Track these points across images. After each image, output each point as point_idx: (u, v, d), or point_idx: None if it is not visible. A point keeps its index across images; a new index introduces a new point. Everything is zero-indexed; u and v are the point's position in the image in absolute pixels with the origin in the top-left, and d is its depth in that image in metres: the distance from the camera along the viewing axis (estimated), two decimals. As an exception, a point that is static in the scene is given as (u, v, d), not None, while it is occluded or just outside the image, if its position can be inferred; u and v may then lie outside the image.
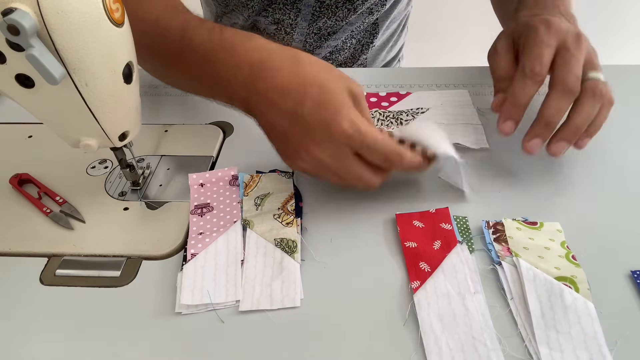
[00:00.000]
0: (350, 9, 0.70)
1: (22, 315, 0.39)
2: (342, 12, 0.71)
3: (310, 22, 0.72)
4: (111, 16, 0.36)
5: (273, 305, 0.38)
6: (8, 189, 0.49)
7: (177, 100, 0.62)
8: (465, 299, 0.37)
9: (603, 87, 0.44)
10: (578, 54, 0.45)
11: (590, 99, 0.44)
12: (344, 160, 0.42)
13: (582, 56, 0.45)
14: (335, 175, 0.43)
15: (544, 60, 0.45)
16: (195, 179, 0.48)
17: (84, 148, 0.42)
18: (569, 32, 0.46)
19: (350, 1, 0.70)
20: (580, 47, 0.45)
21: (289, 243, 0.42)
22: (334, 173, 0.43)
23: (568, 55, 0.45)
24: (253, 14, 0.72)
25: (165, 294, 0.40)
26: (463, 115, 0.56)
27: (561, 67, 0.45)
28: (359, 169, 0.42)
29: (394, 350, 0.35)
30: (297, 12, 0.71)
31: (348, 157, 0.41)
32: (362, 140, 0.40)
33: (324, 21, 0.72)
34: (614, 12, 1.66)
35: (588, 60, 0.45)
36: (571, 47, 0.45)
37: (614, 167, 0.50)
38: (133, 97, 0.42)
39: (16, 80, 0.36)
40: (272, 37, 0.74)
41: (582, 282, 0.38)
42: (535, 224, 0.43)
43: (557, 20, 0.47)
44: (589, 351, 0.34)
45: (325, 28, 0.73)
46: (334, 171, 0.42)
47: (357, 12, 0.71)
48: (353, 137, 0.40)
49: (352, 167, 0.42)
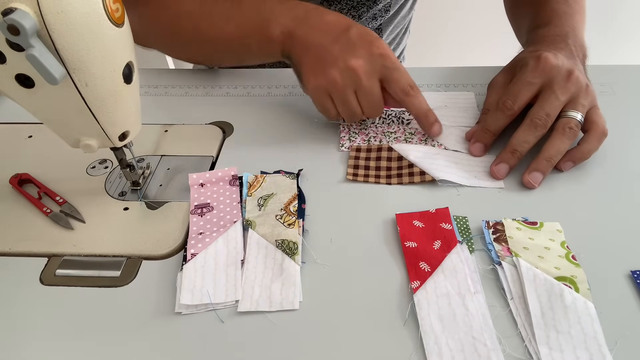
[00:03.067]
0: (355, 15, 0.71)
1: (22, 315, 0.39)
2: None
3: None
4: (111, 16, 0.36)
5: (272, 307, 0.38)
6: (8, 189, 0.49)
7: (177, 100, 0.62)
8: (465, 299, 0.37)
9: (576, 125, 0.47)
10: (560, 92, 0.47)
11: (559, 135, 0.47)
12: (372, 80, 0.48)
13: (565, 95, 0.47)
14: (344, 97, 0.49)
15: (520, 97, 0.48)
16: (195, 179, 0.48)
17: (84, 148, 0.42)
18: (560, 69, 0.48)
19: (355, 8, 0.70)
20: (566, 86, 0.47)
21: (290, 245, 0.42)
22: (348, 94, 0.49)
23: (548, 93, 0.47)
24: None
25: (165, 294, 0.40)
26: (465, 118, 0.55)
27: (538, 103, 0.48)
28: (379, 93, 0.49)
29: (394, 350, 0.35)
30: None
31: (375, 79, 0.49)
32: (395, 61, 0.48)
33: None
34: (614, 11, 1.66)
35: (572, 99, 0.48)
36: (555, 85, 0.47)
37: (614, 167, 0.50)
38: (133, 97, 0.42)
39: (16, 80, 0.36)
40: None
41: (582, 282, 0.38)
42: (535, 224, 0.43)
43: (552, 56, 0.48)
44: (589, 351, 0.34)
45: None
46: (350, 92, 0.49)
47: (362, 17, 0.71)
48: (389, 56, 0.48)
49: (373, 87, 0.49)
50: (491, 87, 0.53)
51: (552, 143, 0.47)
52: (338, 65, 0.48)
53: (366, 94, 0.49)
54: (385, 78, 0.49)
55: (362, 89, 0.49)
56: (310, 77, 0.50)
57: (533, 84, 0.48)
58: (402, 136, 0.53)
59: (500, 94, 0.51)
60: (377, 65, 0.48)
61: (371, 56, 0.48)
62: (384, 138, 0.53)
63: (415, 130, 0.54)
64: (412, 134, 0.53)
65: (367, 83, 0.48)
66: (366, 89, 0.49)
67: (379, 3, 0.71)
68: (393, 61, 0.48)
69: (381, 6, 0.72)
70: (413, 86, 0.49)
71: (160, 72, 0.68)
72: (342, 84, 0.48)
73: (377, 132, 0.54)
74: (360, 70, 0.48)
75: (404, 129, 0.54)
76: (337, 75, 0.48)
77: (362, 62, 0.48)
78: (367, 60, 0.48)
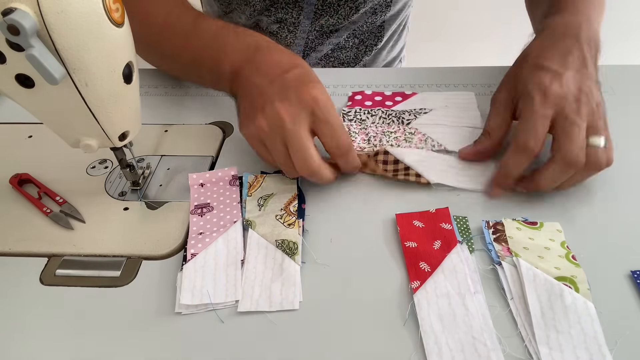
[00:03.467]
0: (352, 7, 0.71)
1: (22, 315, 0.39)
2: (345, 11, 0.71)
3: (313, 20, 0.72)
4: (111, 16, 0.36)
5: (272, 307, 0.38)
6: (8, 189, 0.49)
7: (177, 100, 0.62)
8: (465, 299, 0.37)
9: (602, 153, 0.43)
10: (579, 121, 0.42)
11: (588, 170, 0.43)
12: (297, 126, 0.42)
13: (584, 122, 0.43)
14: (272, 145, 0.44)
15: (539, 134, 0.43)
16: (195, 179, 0.48)
17: (84, 148, 0.42)
18: (568, 96, 0.44)
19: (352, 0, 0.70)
20: (581, 112, 0.43)
21: (290, 245, 0.42)
22: (275, 141, 0.44)
23: (567, 123, 0.42)
24: (255, 13, 0.72)
25: (165, 294, 0.40)
26: (465, 118, 0.55)
27: (562, 137, 0.43)
28: (305, 142, 0.43)
29: (394, 350, 0.35)
30: (299, 10, 0.71)
31: (302, 126, 0.43)
32: (328, 111, 0.43)
33: (327, 19, 0.72)
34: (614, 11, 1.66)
35: (589, 125, 0.43)
36: (570, 114, 0.43)
37: (614, 167, 0.49)
38: (133, 97, 0.42)
39: (16, 80, 0.36)
40: (274, 35, 0.74)
41: (582, 282, 0.38)
42: (535, 224, 0.43)
43: (557, 85, 0.44)
44: (589, 351, 0.34)
45: (328, 26, 0.73)
46: (277, 139, 0.43)
47: (360, 10, 0.71)
48: (320, 102, 0.43)
49: (299, 134, 0.42)
50: (494, 106, 0.49)
51: (575, 177, 0.44)
52: (265, 110, 0.43)
53: (291, 141, 0.42)
54: (315, 128, 0.44)
55: (287, 134, 0.42)
56: (243, 122, 0.47)
57: (546, 116, 0.43)
58: (402, 136, 0.53)
59: (506, 116, 0.48)
60: (306, 111, 0.43)
61: (301, 100, 0.43)
62: (383, 137, 0.53)
63: (415, 130, 0.54)
64: (412, 134, 0.53)
65: (291, 128, 0.42)
66: (291, 135, 0.42)
67: None
68: (324, 109, 0.43)
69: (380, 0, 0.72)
70: (339, 143, 0.44)
71: (160, 72, 0.68)
72: (269, 130, 0.43)
73: (377, 132, 0.54)
74: (286, 114, 0.42)
75: (404, 129, 0.54)
76: (264, 121, 0.43)
77: (289, 105, 0.43)
78: (296, 104, 0.43)
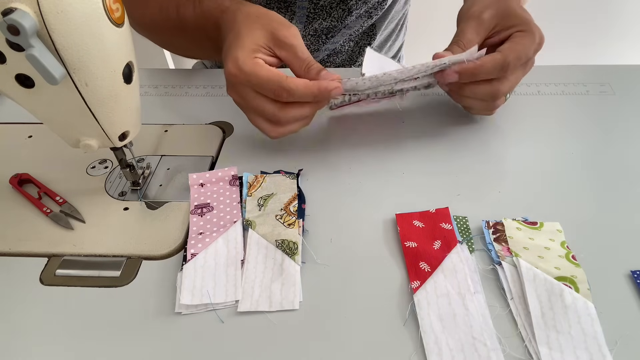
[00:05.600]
0: (345, 9, 0.70)
1: (22, 315, 0.39)
2: (337, 13, 0.71)
3: (306, 24, 0.72)
4: (111, 16, 0.36)
5: (272, 307, 0.38)
6: (8, 189, 0.49)
7: (177, 100, 0.62)
8: (465, 299, 0.37)
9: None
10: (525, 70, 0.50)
11: (494, 97, 0.49)
12: (240, 92, 0.47)
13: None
14: (240, 101, 0.48)
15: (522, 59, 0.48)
16: (195, 179, 0.48)
17: (84, 148, 0.42)
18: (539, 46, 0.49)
19: (344, 2, 0.69)
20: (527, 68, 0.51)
21: (290, 245, 0.42)
22: (239, 99, 0.48)
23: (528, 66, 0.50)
24: None
25: (165, 294, 0.40)
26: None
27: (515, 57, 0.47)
28: (257, 101, 0.46)
29: (394, 350, 0.35)
30: (292, 14, 0.71)
31: (241, 90, 0.46)
32: (249, 79, 0.45)
33: (320, 22, 0.72)
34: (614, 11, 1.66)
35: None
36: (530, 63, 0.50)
37: (614, 167, 0.50)
38: (133, 97, 0.42)
39: (16, 80, 0.36)
40: None
41: (582, 282, 0.38)
42: (535, 224, 0.43)
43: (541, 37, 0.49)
44: (589, 351, 0.34)
45: (322, 29, 0.73)
46: (237, 99, 0.48)
47: (353, 13, 0.71)
48: (237, 76, 0.45)
49: (252, 99, 0.46)
50: (476, 22, 0.50)
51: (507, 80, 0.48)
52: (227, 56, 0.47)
53: (245, 102, 0.48)
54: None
55: (240, 102, 0.48)
56: None
57: (531, 55, 0.49)
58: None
59: (482, 38, 0.50)
60: (231, 83, 0.47)
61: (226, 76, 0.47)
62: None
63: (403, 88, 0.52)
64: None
65: (238, 98, 0.48)
66: (243, 102, 0.48)
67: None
68: (242, 78, 0.45)
69: (374, 2, 0.72)
70: (276, 92, 0.45)
71: (160, 72, 0.68)
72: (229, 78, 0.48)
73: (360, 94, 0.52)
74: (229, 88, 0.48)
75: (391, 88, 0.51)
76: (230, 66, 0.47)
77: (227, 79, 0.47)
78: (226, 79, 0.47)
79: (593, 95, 0.60)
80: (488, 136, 0.54)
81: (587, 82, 0.62)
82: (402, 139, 0.54)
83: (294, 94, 0.45)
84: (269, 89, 0.45)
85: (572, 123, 0.56)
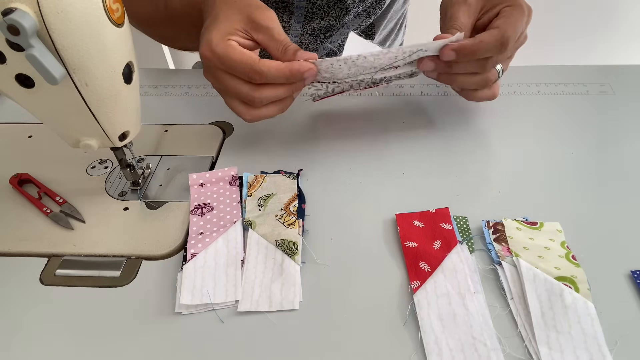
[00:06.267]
0: (342, 8, 0.70)
1: (22, 315, 0.39)
2: (335, 12, 0.71)
3: (304, 23, 0.72)
4: (111, 16, 0.36)
5: (272, 307, 0.38)
6: (8, 189, 0.49)
7: (177, 100, 0.62)
8: (465, 299, 0.37)
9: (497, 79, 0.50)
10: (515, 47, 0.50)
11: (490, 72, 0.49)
12: (215, 75, 0.47)
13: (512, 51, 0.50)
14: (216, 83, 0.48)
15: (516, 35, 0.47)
16: (195, 179, 0.48)
17: (84, 148, 0.42)
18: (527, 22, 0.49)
19: (341, 0, 0.69)
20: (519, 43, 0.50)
21: (290, 245, 0.42)
22: (214, 81, 0.48)
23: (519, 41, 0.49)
24: None
25: (165, 294, 0.40)
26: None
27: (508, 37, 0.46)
28: (231, 82, 0.46)
29: (394, 350, 0.35)
30: (289, 14, 0.71)
31: (216, 73, 0.47)
32: (222, 61, 0.45)
33: (318, 22, 0.72)
34: (614, 11, 1.66)
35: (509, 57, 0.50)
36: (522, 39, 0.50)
37: (614, 167, 0.50)
38: (133, 97, 0.42)
39: (16, 80, 0.36)
40: None
41: (582, 282, 0.38)
42: (535, 224, 0.43)
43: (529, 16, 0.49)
44: (589, 351, 0.34)
45: (320, 29, 0.73)
46: (213, 82, 0.48)
47: (350, 12, 0.71)
48: (210, 59, 0.45)
49: (225, 81, 0.46)
50: (465, 6, 0.50)
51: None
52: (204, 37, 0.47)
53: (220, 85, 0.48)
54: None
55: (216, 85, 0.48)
56: None
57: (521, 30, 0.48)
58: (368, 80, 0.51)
59: (473, 20, 0.50)
60: (207, 66, 0.47)
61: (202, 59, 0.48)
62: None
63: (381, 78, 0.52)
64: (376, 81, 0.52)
65: (213, 80, 0.48)
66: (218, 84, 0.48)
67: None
68: (215, 61, 0.45)
69: (372, 0, 0.72)
70: (249, 75, 0.45)
71: (160, 72, 0.68)
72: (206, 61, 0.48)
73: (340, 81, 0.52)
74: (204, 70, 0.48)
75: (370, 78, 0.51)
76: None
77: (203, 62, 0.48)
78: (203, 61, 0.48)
79: (593, 95, 0.60)
80: (488, 136, 0.54)
81: (587, 82, 0.62)
82: (402, 139, 0.54)
83: (266, 76, 0.45)
84: (241, 71, 0.45)
85: (572, 123, 0.56)
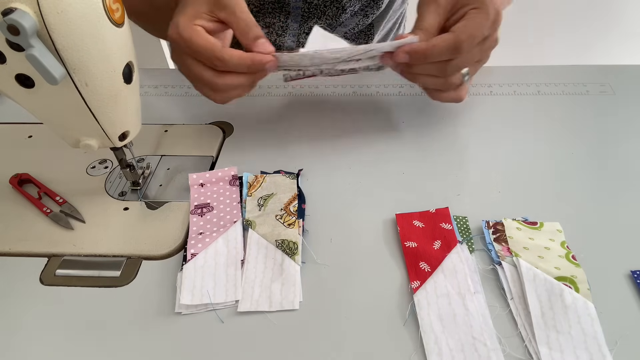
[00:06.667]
0: (339, 7, 0.70)
1: (22, 315, 0.39)
2: (332, 11, 0.71)
3: (301, 23, 0.72)
4: (111, 16, 0.36)
5: (272, 307, 0.38)
6: (8, 189, 0.49)
7: (177, 100, 0.62)
8: (465, 299, 0.37)
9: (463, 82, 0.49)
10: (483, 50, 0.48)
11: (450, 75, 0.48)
12: (181, 58, 0.47)
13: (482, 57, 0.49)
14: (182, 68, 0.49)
15: (476, 39, 0.46)
16: (195, 179, 0.48)
17: (84, 148, 0.42)
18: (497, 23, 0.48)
19: (338, 0, 0.69)
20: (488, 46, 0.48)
21: (290, 245, 0.42)
22: (181, 65, 0.48)
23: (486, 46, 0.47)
24: None
25: (165, 294, 0.40)
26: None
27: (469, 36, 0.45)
28: (196, 68, 0.46)
29: (394, 350, 0.35)
30: (286, 14, 0.71)
31: (182, 57, 0.47)
32: (187, 45, 0.45)
33: (315, 21, 0.72)
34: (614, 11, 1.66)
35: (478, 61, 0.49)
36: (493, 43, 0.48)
37: (614, 167, 0.50)
38: (133, 97, 0.42)
39: (16, 80, 0.36)
40: None
41: (582, 282, 0.38)
42: (535, 224, 0.43)
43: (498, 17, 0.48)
44: (589, 351, 0.34)
45: None
46: (180, 66, 0.48)
47: (347, 10, 0.71)
48: (177, 41, 0.46)
49: (190, 65, 0.47)
50: (434, 5, 0.48)
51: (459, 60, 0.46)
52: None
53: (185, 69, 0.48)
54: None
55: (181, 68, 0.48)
56: None
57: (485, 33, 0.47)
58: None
59: (441, 21, 0.48)
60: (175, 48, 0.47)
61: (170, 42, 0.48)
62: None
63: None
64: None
65: (179, 63, 0.48)
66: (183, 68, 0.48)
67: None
68: (182, 44, 0.45)
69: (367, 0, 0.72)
70: (211, 61, 0.46)
71: (160, 72, 0.68)
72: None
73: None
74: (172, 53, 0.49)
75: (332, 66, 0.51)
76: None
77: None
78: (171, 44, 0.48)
79: (593, 95, 0.60)
80: (488, 136, 0.54)
81: (587, 82, 0.62)
82: (402, 139, 0.54)
83: (227, 64, 0.45)
84: (205, 57, 0.45)
85: (572, 123, 0.56)
